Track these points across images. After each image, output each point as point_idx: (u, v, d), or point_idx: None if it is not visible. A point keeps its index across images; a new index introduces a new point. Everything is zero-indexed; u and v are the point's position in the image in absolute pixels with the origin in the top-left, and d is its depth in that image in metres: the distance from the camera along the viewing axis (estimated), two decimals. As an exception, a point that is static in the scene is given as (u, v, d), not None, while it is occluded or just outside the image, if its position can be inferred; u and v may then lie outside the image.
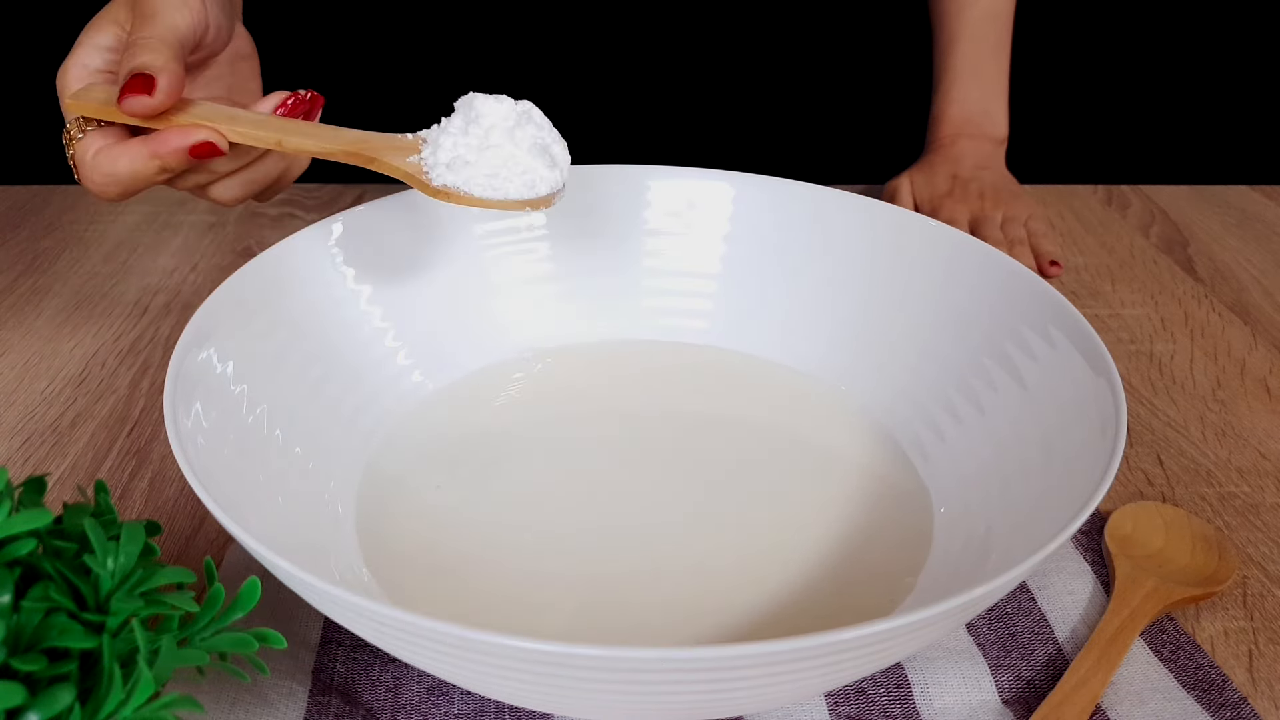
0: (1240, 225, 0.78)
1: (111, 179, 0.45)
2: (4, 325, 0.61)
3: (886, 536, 0.43)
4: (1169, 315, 0.65)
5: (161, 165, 0.44)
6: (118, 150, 0.44)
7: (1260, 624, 0.42)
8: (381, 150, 0.44)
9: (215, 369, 0.40)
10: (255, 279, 0.44)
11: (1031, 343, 0.44)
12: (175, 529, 0.45)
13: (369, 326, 0.49)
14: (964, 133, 0.75)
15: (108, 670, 0.27)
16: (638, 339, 0.55)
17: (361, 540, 0.41)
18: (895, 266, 0.51)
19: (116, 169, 0.44)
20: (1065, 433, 0.39)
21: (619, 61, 0.86)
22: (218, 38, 0.48)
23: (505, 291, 0.54)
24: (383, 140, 0.44)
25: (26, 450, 0.50)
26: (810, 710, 0.37)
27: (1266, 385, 0.58)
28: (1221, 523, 0.47)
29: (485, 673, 0.30)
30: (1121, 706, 0.37)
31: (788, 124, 0.90)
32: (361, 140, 0.44)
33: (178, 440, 0.34)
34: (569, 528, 0.43)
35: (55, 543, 0.29)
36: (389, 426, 0.48)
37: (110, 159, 0.44)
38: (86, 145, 0.45)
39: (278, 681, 0.37)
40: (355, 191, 0.77)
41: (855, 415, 0.50)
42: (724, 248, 0.55)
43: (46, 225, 0.73)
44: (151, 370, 0.57)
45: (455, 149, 0.42)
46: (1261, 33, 1.02)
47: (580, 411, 0.50)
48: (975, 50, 0.75)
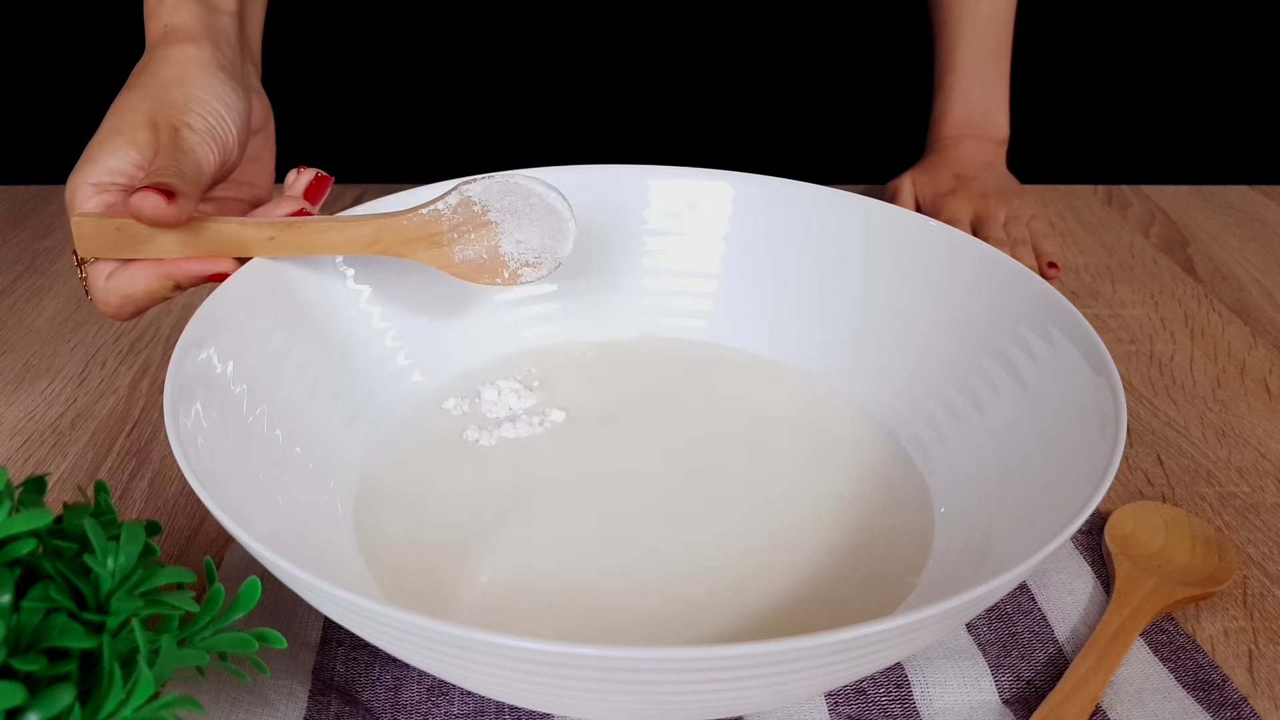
0: (1240, 225, 0.78)
1: (129, 300, 0.44)
2: (4, 325, 0.61)
3: (886, 536, 0.43)
4: (1169, 315, 0.65)
5: (177, 285, 0.44)
6: (133, 272, 0.44)
7: (1260, 624, 0.42)
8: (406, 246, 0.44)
9: (215, 369, 0.40)
10: (255, 279, 0.44)
11: (1031, 343, 0.44)
12: (175, 529, 0.45)
13: (369, 326, 0.49)
14: (966, 133, 0.75)
15: (108, 670, 0.27)
16: (638, 338, 0.55)
17: (361, 540, 0.41)
18: (895, 266, 0.51)
19: (134, 290, 0.44)
20: (1065, 433, 0.39)
21: (620, 62, 0.86)
22: (238, 159, 0.48)
23: (505, 291, 0.54)
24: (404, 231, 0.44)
25: (26, 450, 0.50)
26: (810, 710, 0.37)
27: (1266, 385, 0.58)
28: (1221, 523, 0.47)
29: (485, 673, 0.30)
30: (1121, 706, 0.37)
31: (788, 124, 0.90)
32: (376, 239, 0.44)
33: (178, 440, 0.34)
34: (568, 527, 0.43)
35: (55, 543, 0.29)
36: (389, 426, 0.48)
37: (127, 281, 0.44)
38: (101, 268, 0.44)
39: (278, 681, 0.37)
40: (355, 191, 0.77)
41: (855, 415, 0.50)
42: (724, 248, 0.55)
43: (46, 225, 0.73)
44: (151, 370, 0.57)
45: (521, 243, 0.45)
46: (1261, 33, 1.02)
47: (579, 411, 0.50)
48: (977, 51, 0.75)
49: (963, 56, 0.76)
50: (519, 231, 0.44)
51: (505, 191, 0.44)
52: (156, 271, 0.43)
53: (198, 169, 0.43)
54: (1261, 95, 1.05)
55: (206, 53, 0.48)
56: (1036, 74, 0.96)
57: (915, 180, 0.74)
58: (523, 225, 0.44)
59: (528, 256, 0.45)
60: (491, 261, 0.45)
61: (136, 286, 0.44)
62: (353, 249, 0.44)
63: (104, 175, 0.44)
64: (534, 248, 0.44)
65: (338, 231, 0.44)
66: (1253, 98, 1.05)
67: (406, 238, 0.44)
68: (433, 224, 0.44)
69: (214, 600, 0.30)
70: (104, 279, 0.44)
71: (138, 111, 0.44)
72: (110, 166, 0.44)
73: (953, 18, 0.76)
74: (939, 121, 0.77)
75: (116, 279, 0.44)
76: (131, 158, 0.44)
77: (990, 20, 0.75)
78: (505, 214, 0.44)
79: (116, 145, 0.44)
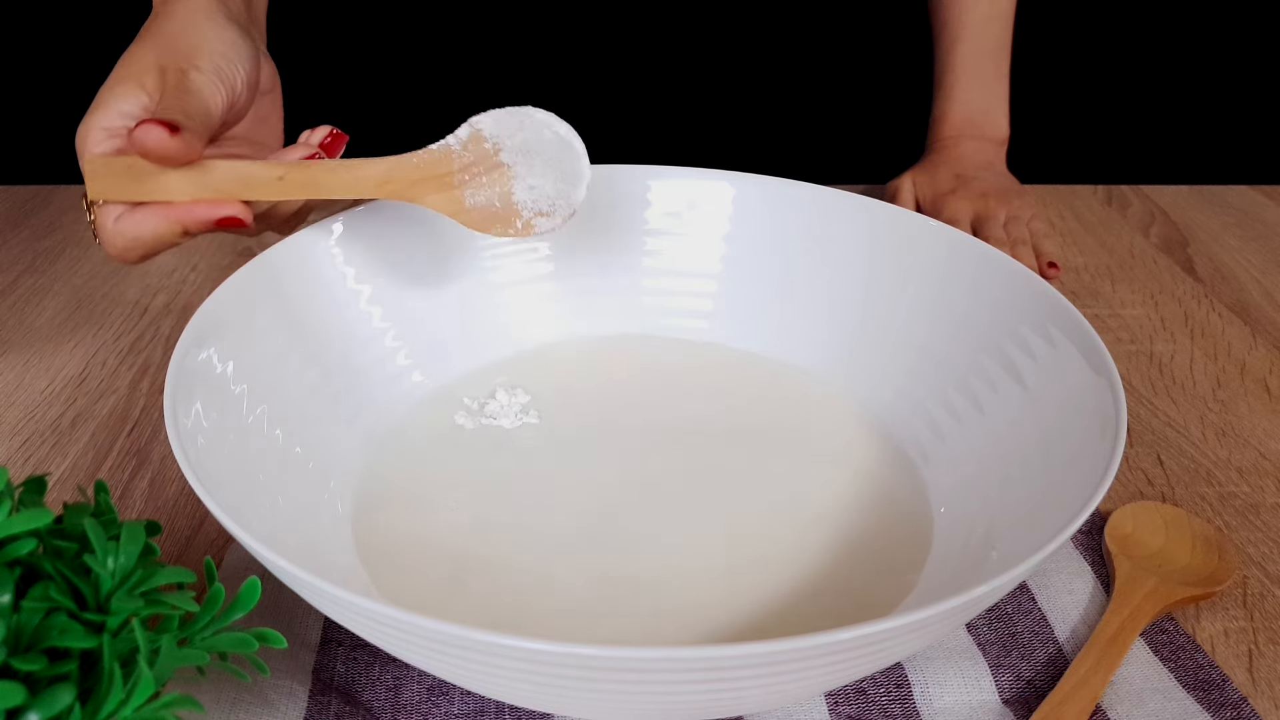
0: (1240, 225, 0.78)
1: (136, 243, 0.44)
2: (4, 325, 0.61)
3: (887, 536, 0.43)
4: (1169, 315, 0.65)
5: (185, 230, 0.44)
6: (141, 215, 0.44)
7: (1260, 624, 0.42)
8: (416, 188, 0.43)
9: (215, 369, 0.40)
10: (255, 279, 0.44)
11: (1031, 343, 0.44)
12: (175, 529, 0.45)
13: (369, 326, 0.49)
14: (966, 133, 0.75)
15: (108, 670, 0.27)
16: (638, 338, 0.55)
17: (361, 540, 0.41)
18: (895, 266, 0.51)
19: (141, 233, 0.44)
20: (1065, 433, 0.39)
21: (620, 62, 0.86)
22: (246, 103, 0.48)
23: (505, 291, 0.54)
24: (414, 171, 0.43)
25: (26, 450, 0.50)
26: (810, 710, 0.37)
27: (1266, 385, 0.58)
28: (1221, 523, 0.47)
29: (485, 673, 0.30)
30: (1121, 706, 0.37)
31: (788, 124, 0.90)
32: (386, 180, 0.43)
33: (178, 440, 0.34)
34: (568, 527, 0.43)
35: (55, 542, 0.29)
36: (389, 426, 0.48)
37: (134, 223, 0.44)
38: (108, 210, 0.44)
39: (278, 681, 0.37)
40: (355, 191, 0.77)
41: (855, 415, 0.50)
42: (724, 248, 0.55)
43: (46, 225, 0.73)
44: (151, 370, 0.57)
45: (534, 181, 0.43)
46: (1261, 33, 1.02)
47: (579, 411, 0.50)
48: (977, 51, 0.76)
49: (962, 56, 0.76)
50: (532, 176, 0.43)
51: (518, 127, 0.42)
52: (165, 215, 0.43)
53: (204, 107, 0.44)
54: (1261, 95, 1.05)
55: (214, 5, 0.48)
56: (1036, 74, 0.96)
57: (915, 180, 0.74)
58: (536, 168, 0.43)
59: (541, 205, 0.43)
60: (504, 210, 0.44)
61: (144, 229, 0.44)
62: (362, 189, 0.44)
63: (115, 119, 0.44)
64: (548, 194, 0.43)
65: (346, 171, 0.43)
66: (1253, 98, 1.05)
67: (416, 178, 0.43)
68: (443, 162, 0.43)
69: (214, 600, 0.30)
70: (112, 221, 0.44)
71: (146, 57, 0.45)
72: (121, 110, 0.44)
73: (952, 17, 0.76)
74: (939, 121, 0.77)
75: (124, 221, 0.44)
76: (141, 101, 0.44)
77: (990, 20, 0.75)
78: (518, 154, 0.43)
79: (127, 89, 0.44)
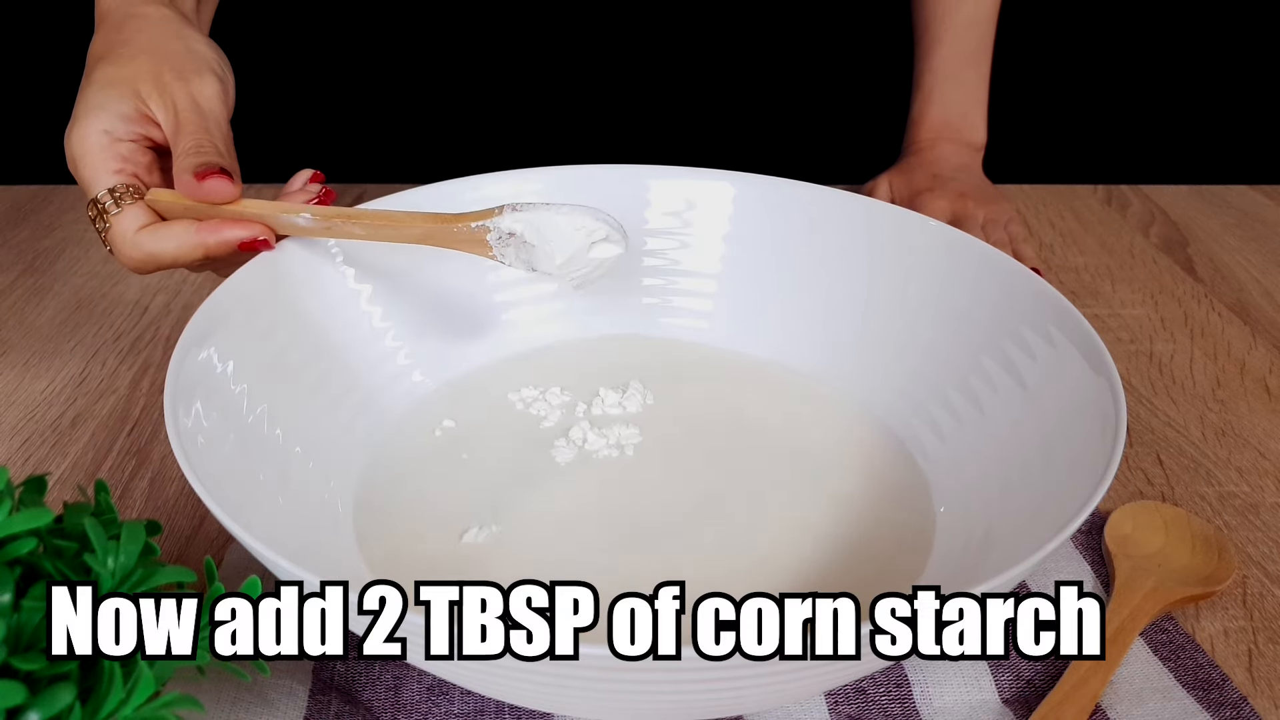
0: (1240, 225, 0.78)
1: (151, 259, 0.44)
2: (4, 325, 0.61)
3: (887, 536, 0.43)
4: (1169, 315, 0.65)
5: (206, 252, 0.44)
6: (164, 231, 0.44)
7: (1260, 624, 0.42)
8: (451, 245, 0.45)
9: (215, 369, 0.40)
10: (255, 279, 0.44)
11: (1031, 342, 0.44)
12: (175, 529, 0.45)
13: (369, 326, 0.49)
14: (943, 136, 0.75)
15: (108, 670, 0.27)
16: (638, 338, 0.55)
17: (361, 540, 0.41)
18: (895, 266, 0.51)
19: (161, 249, 0.44)
20: (1065, 432, 0.39)
21: (620, 62, 0.86)
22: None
23: (505, 291, 0.54)
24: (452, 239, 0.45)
25: (26, 450, 0.50)
26: (810, 710, 0.37)
27: (1266, 385, 0.58)
28: (1221, 522, 0.47)
29: (485, 673, 0.30)
30: (1121, 706, 0.37)
31: (788, 124, 0.90)
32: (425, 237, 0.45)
33: (178, 440, 0.34)
34: (566, 526, 0.43)
35: (56, 542, 0.29)
36: (389, 426, 0.48)
37: (155, 239, 0.44)
38: (127, 221, 0.44)
39: (278, 681, 0.37)
40: (355, 191, 0.77)
41: (855, 415, 0.50)
42: (724, 248, 0.55)
43: (46, 225, 0.73)
44: (151, 370, 0.57)
45: None
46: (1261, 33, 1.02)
47: (578, 411, 0.50)
48: (957, 54, 0.75)
49: (943, 59, 0.75)
50: (560, 255, 0.44)
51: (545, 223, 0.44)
52: (188, 232, 0.43)
53: (224, 133, 0.45)
54: (1261, 95, 1.05)
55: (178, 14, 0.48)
56: (1036, 73, 0.96)
57: (891, 181, 0.73)
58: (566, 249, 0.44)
59: (572, 270, 0.45)
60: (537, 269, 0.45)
61: (165, 245, 0.44)
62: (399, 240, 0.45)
63: (117, 123, 0.44)
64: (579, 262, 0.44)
65: (391, 229, 0.45)
66: (1253, 98, 1.05)
67: (453, 243, 0.45)
68: (479, 238, 0.44)
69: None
70: (133, 230, 0.44)
71: (137, 63, 0.45)
72: (121, 112, 0.44)
73: (934, 19, 0.75)
74: (916, 124, 0.76)
75: (145, 234, 0.44)
76: (136, 106, 0.44)
77: (972, 23, 0.75)
78: (548, 241, 0.44)
79: (122, 93, 0.44)
